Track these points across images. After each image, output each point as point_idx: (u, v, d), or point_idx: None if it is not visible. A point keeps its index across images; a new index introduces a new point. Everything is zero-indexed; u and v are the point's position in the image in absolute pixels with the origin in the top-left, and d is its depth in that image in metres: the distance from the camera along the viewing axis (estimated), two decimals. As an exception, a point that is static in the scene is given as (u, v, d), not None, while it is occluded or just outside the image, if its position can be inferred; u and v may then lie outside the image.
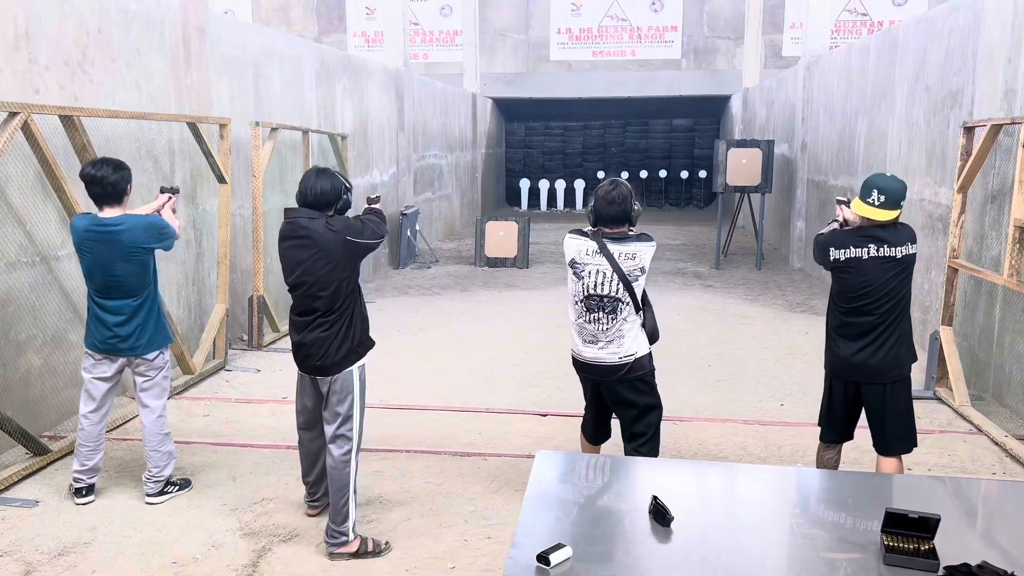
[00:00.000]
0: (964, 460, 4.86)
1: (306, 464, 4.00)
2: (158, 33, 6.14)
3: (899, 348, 3.76)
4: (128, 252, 4.01)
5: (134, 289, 4.08)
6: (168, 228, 4.19)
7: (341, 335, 3.61)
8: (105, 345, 4.09)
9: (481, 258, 12.00)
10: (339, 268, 3.59)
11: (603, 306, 3.67)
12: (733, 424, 5.46)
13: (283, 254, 3.67)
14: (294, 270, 3.63)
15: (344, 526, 3.65)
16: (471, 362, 6.95)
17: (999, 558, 2.16)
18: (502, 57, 20.65)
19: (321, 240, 3.56)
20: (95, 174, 3.99)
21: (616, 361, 3.72)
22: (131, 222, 4.04)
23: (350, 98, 10.28)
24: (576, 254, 3.74)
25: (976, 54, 6.39)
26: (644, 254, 3.69)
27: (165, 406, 4.30)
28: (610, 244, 3.67)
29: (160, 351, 4.22)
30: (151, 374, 4.21)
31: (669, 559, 2.19)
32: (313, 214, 3.61)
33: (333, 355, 3.61)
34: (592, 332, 3.73)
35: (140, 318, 4.10)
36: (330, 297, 3.59)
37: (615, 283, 3.64)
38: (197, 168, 6.67)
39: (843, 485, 2.84)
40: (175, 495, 4.27)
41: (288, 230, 3.64)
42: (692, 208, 22.13)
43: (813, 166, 11.71)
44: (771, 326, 8.24)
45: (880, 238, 3.69)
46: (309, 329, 3.63)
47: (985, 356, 6.09)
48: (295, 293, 3.67)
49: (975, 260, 6.16)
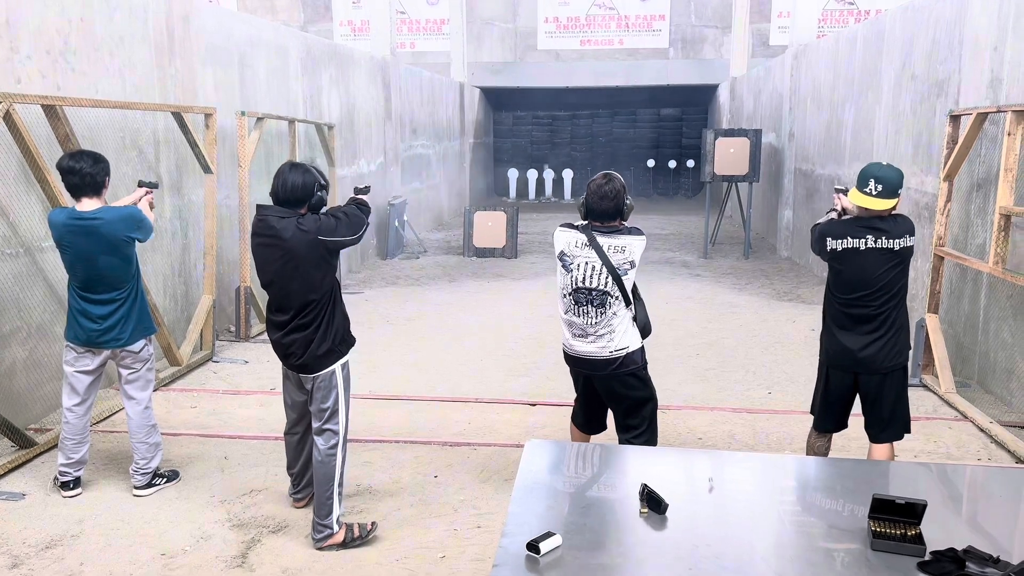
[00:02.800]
0: (950, 446, 4.91)
1: (291, 455, 3.99)
2: (141, 22, 6.07)
3: (897, 338, 3.75)
4: (110, 245, 3.97)
5: (118, 281, 4.04)
6: (146, 220, 4.15)
7: (320, 335, 3.56)
8: (89, 338, 4.05)
9: (469, 248, 11.98)
10: (311, 268, 3.52)
11: (592, 299, 3.65)
12: (722, 412, 5.48)
13: (254, 251, 3.62)
14: (264, 269, 3.59)
15: (328, 519, 3.64)
16: (460, 352, 6.94)
17: (985, 543, 2.18)
18: (489, 46, 20.56)
19: (291, 241, 3.48)
20: (73, 165, 3.93)
21: (607, 356, 3.70)
22: (110, 214, 4.00)
23: (336, 87, 10.21)
24: (565, 246, 3.72)
25: (962, 43, 6.41)
26: (634, 248, 3.65)
27: (151, 397, 4.27)
28: (600, 237, 3.65)
29: (145, 343, 4.19)
30: (136, 366, 4.18)
31: (660, 547, 2.19)
32: (284, 212, 3.52)
33: (314, 353, 3.58)
34: (581, 326, 3.70)
35: (124, 310, 4.07)
36: (303, 296, 3.53)
37: (604, 276, 3.62)
38: (182, 158, 6.62)
39: (831, 472, 2.85)
40: (163, 487, 4.25)
41: (258, 227, 3.57)
42: (680, 198, 22.15)
43: (800, 155, 11.74)
44: (759, 315, 8.27)
45: (879, 229, 3.65)
46: (286, 331, 3.59)
47: (970, 343, 6.14)
48: (268, 291, 3.64)
49: (961, 248, 6.19)
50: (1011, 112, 5.09)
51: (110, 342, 4.07)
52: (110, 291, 4.03)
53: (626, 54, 20.14)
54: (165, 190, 6.48)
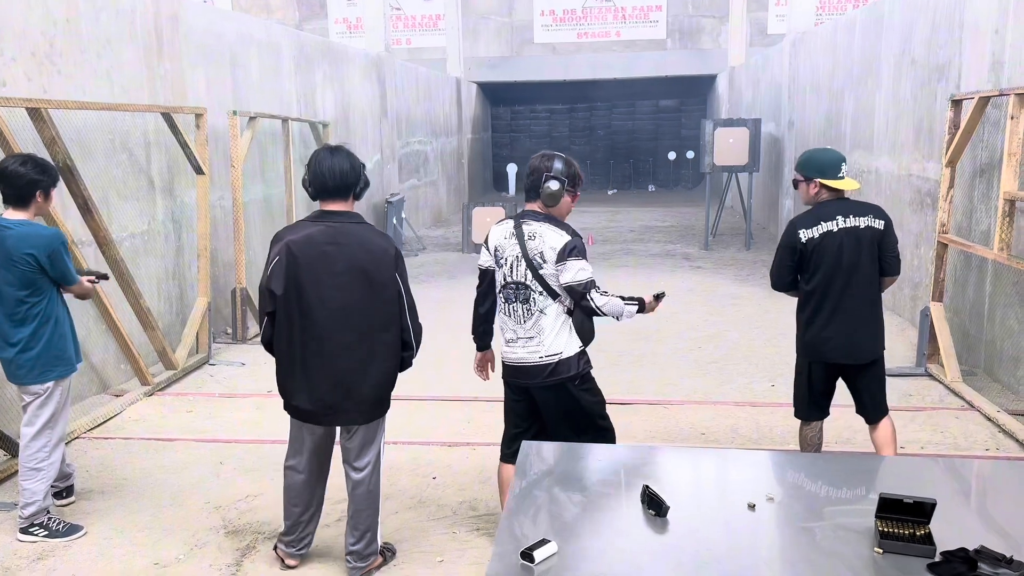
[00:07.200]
0: (957, 436, 4.82)
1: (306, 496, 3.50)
2: (128, 22, 5.99)
3: (876, 325, 3.79)
4: (7, 258, 3.57)
5: (13, 304, 3.61)
6: (64, 256, 3.69)
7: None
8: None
9: (468, 244, 11.89)
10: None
11: (518, 295, 3.30)
12: (724, 407, 5.40)
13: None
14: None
15: (375, 544, 3.43)
16: (459, 350, 6.85)
17: (997, 541, 2.10)
18: (485, 41, 20.46)
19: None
20: (8, 168, 3.60)
21: (537, 361, 3.30)
22: (25, 229, 3.59)
23: (331, 85, 10.13)
24: (498, 239, 3.36)
25: (963, 26, 6.30)
26: (547, 239, 3.21)
27: (47, 438, 3.78)
28: (524, 224, 3.29)
29: (46, 388, 3.73)
30: (27, 397, 3.76)
31: (660, 552, 2.12)
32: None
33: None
34: (512, 328, 3.36)
35: (23, 341, 3.63)
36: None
37: (523, 267, 3.26)
38: (174, 159, 6.54)
39: (836, 469, 2.77)
40: (42, 540, 3.73)
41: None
42: (680, 189, 22.05)
43: (800, 144, 11.63)
44: (761, 306, 8.18)
45: (846, 210, 3.70)
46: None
47: (976, 331, 6.05)
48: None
49: (964, 235, 6.10)
50: (1014, 95, 4.99)
51: (7, 374, 3.71)
52: (9, 313, 3.62)
53: (623, 46, 20.02)
54: (157, 192, 6.41)
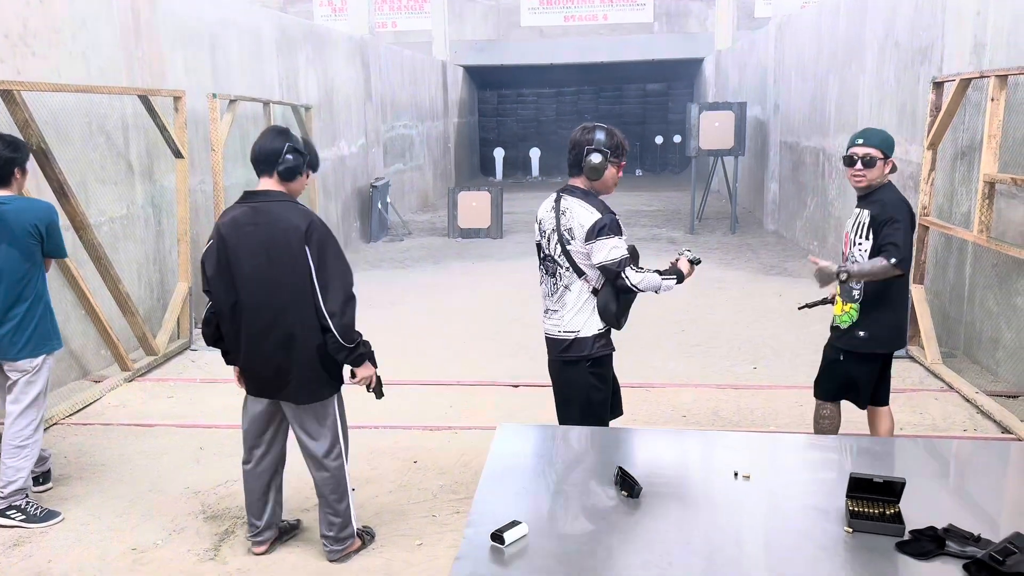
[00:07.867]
0: (936, 418, 4.85)
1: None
2: (105, 3, 5.90)
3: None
4: (12, 233, 3.57)
5: (14, 280, 3.61)
6: (61, 236, 3.76)
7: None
8: None
9: (454, 229, 11.86)
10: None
11: (548, 267, 3.35)
12: (706, 389, 5.41)
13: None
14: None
15: (350, 527, 3.41)
16: (444, 335, 6.85)
17: (968, 519, 2.11)
18: (472, 24, 20.32)
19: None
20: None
21: (556, 334, 3.34)
22: (20, 202, 3.64)
23: (313, 68, 10.03)
24: (543, 213, 3.41)
25: (945, 9, 6.29)
26: (577, 215, 3.21)
27: (33, 416, 3.75)
28: (563, 199, 3.30)
29: (39, 362, 3.73)
30: (14, 375, 3.72)
31: (633, 534, 2.11)
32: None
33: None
34: (545, 300, 3.41)
35: (18, 317, 3.63)
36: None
37: (555, 242, 3.29)
38: (153, 143, 6.47)
39: (810, 449, 2.78)
40: (18, 524, 3.70)
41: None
42: (667, 173, 22.03)
43: (786, 128, 11.63)
44: (745, 290, 8.20)
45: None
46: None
47: (956, 313, 6.08)
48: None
49: (945, 217, 6.12)
50: (994, 77, 5.00)
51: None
52: (9, 289, 3.61)
53: (610, 29, 19.92)
54: (136, 176, 6.34)
